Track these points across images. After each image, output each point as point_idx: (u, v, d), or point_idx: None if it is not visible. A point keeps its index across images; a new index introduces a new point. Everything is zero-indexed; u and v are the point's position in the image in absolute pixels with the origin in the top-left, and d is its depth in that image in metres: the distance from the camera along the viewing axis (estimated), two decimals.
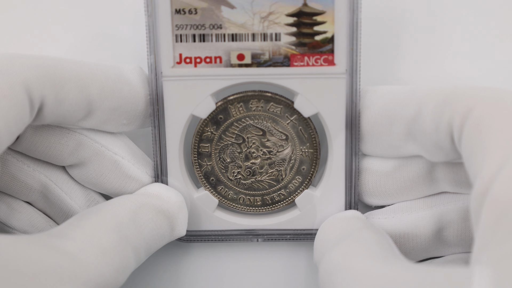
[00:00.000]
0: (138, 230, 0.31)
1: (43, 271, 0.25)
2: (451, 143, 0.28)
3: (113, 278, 0.29)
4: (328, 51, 0.33)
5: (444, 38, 0.36)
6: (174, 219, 0.33)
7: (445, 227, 0.34)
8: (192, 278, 0.38)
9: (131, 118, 0.34)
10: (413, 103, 0.31)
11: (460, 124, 0.27)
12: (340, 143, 0.34)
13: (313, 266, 0.38)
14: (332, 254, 0.30)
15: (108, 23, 0.37)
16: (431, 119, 0.29)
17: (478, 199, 0.25)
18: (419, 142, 0.31)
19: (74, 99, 0.31)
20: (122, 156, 0.34)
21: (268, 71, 0.33)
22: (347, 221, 0.34)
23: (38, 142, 0.33)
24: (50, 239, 0.28)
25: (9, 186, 0.34)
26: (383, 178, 0.34)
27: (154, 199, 0.33)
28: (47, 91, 0.30)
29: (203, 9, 0.32)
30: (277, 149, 0.35)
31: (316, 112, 0.34)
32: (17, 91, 0.28)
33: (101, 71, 0.32)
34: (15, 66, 0.29)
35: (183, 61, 0.33)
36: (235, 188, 0.36)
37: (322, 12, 0.32)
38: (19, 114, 0.28)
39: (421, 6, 0.36)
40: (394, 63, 0.37)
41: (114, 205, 0.32)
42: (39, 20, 0.38)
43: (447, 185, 0.33)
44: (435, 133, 0.29)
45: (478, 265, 0.23)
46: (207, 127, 0.35)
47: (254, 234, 0.36)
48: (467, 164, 0.27)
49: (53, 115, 0.31)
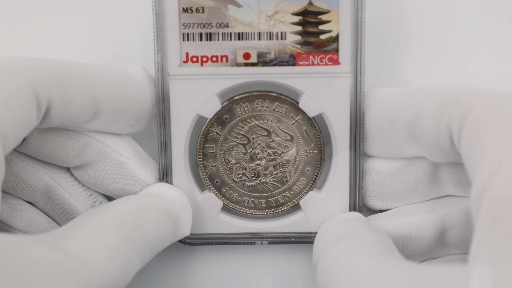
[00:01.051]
0: (142, 230, 0.31)
1: (47, 270, 0.25)
2: (451, 145, 0.29)
3: (117, 278, 0.28)
4: (333, 50, 0.33)
5: (449, 39, 0.37)
6: (178, 219, 0.33)
7: (447, 229, 0.34)
8: (196, 281, 0.38)
9: (137, 118, 0.34)
10: (413, 105, 0.31)
11: (458, 126, 0.28)
12: (345, 144, 0.34)
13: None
14: (332, 251, 0.30)
15: (112, 25, 0.38)
16: (430, 121, 0.30)
17: (477, 197, 0.25)
18: (420, 143, 0.31)
19: (81, 100, 0.31)
20: (128, 157, 0.34)
21: (273, 70, 0.34)
22: (348, 222, 0.34)
23: (44, 144, 0.33)
24: (54, 239, 0.28)
25: (12, 186, 0.34)
26: (388, 179, 0.34)
27: (158, 199, 0.33)
28: (53, 93, 0.30)
29: (210, 7, 0.33)
30: (282, 150, 0.35)
31: (321, 112, 0.34)
32: (24, 92, 0.28)
33: (106, 72, 0.32)
34: (21, 68, 0.29)
35: (190, 60, 0.34)
36: (239, 190, 0.36)
37: (327, 11, 0.33)
38: (26, 115, 0.28)
39: (425, 7, 0.37)
40: (397, 64, 0.37)
41: (118, 205, 0.32)
42: (42, 23, 0.38)
43: (451, 188, 0.34)
44: (435, 135, 0.29)
45: (477, 263, 0.23)
46: (213, 127, 0.35)
47: (258, 237, 0.36)
48: (466, 165, 0.27)
49: (60, 117, 0.31)
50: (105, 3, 0.37)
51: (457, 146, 0.28)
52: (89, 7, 0.38)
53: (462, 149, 0.28)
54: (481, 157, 0.26)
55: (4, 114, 0.27)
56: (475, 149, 0.26)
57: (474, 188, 0.26)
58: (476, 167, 0.26)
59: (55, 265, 0.25)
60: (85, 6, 0.38)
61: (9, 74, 0.28)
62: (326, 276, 0.29)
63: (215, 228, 0.36)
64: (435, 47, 0.37)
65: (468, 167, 0.27)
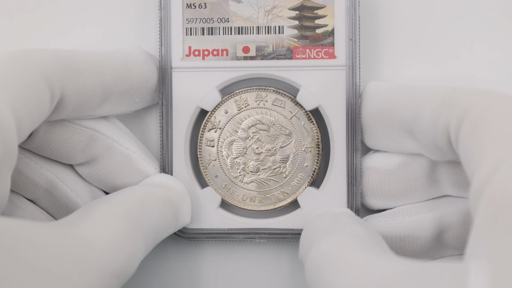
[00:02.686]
0: (147, 219, 0.32)
1: (60, 255, 0.25)
2: (448, 144, 0.29)
3: (126, 264, 0.29)
4: (329, 44, 0.35)
5: (446, 34, 0.38)
6: (179, 208, 0.34)
7: (445, 230, 0.34)
8: (194, 276, 0.38)
9: (142, 95, 0.35)
10: (412, 104, 0.32)
11: (456, 126, 0.28)
12: (342, 138, 0.35)
13: None
14: (320, 246, 0.29)
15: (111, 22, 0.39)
16: (428, 121, 0.30)
17: (475, 196, 0.25)
18: (419, 141, 0.32)
19: (91, 87, 0.32)
20: (133, 151, 0.35)
21: (271, 64, 0.35)
22: (335, 216, 0.34)
23: (51, 139, 0.34)
24: (65, 227, 0.28)
25: (15, 183, 0.34)
26: (387, 177, 0.34)
27: (159, 188, 0.34)
28: (66, 82, 0.31)
29: (212, 3, 0.35)
30: (281, 145, 0.36)
31: (318, 105, 0.35)
32: (39, 81, 0.29)
33: (110, 57, 0.34)
34: (34, 58, 0.30)
35: (192, 53, 0.35)
36: (238, 185, 0.36)
37: (323, 6, 0.34)
38: (40, 104, 0.29)
39: (422, 2, 0.38)
40: (395, 59, 0.38)
41: (122, 195, 0.32)
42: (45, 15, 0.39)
43: (449, 187, 0.34)
44: (433, 134, 0.30)
45: (474, 259, 0.23)
46: (213, 121, 0.36)
47: (256, 233, 0.36)
48: (465, 165, 0.28)
49: (72, 105, 0.32)
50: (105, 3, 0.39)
51: (454, 146, 0.29)
52: (89, 4, 0.39)
53: (460, 149, 0.28)
54: (480, 156, 0.26)
55: (20, 102, 0.28)
56: (473, 149, 0.27)
57: (472, 187, 0.26)
58: (475, 167, 0.26)
59: (67, 250, 0.26)
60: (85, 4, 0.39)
61: (24, 64, 0.29)
62: (316, 271, 0.28)
63: (214, 223, 0.36)
64: (431, 42, 0.37)
65: (466, 167, 0.28)
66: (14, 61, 0.29)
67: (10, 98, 0.27)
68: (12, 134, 0.26)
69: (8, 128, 0.26)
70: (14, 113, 0.27)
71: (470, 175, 0.27)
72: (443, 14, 0.37)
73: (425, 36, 0.37)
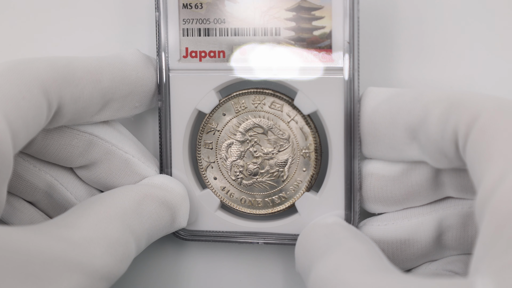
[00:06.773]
0: (141, 221, 0.32)
1: (51, 260, 0.26)
2: (456, 151, 0.28)
3: (117, 268, 0.29)
4: (327, 47, 0.33)
5: (445, 37, 0.36)
6: (176, 211, 0.34)
7: (445, 231, 0.33)
8: (190, 277, 0.38)
9: (141, 100, 0.35)
10: (418, 109, 0.30)
11: (465, 132, 0.27)
12: (340, 143, 0.34)
13: None
14: (321, 268, 0.28)
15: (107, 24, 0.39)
16: (436, 126, 0.29)
17: (480, 207, 0.25)
18: (424, 148, 0.30)
19: (89, 96, 0.32)
20: (133, 154, 0.35)
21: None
22: (329, 228, 0.33)
23: (49, 145, 0.34)
24: (57, 228, 0.29)
25: (14, 185, 0.35)
26: (390, 183, 0.33)
27: (158, 190, 0.34)
28: (63, 92, 0.31)
29: (208, 3, 0.34)
30: (278, 148, 0.35)
31: (316, 110, 0.34)
32: (36, 93, 0.29)
33: (107, 63, 0.33)
34: (32, 69, 0.30)
35: (189, 55, 0.35)
36: (236, 188, 0.36)
37: (320, 7, 0.33)
38: (37, 115, 0.29)
39: (421, 4, 0.36)
40: (394, 63, 0.36)
41: (118, 195, 0.33)
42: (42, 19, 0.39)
43: (452, 190, 0.33)
44: (440, 140, 0.29)
45: (479, 275, 0.23)
46: (211, 123, 0.36)
47: (254, 236, 0.36)
48: (471, 172, 0.27)
49: (69, 114, 0.32)
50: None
51: (462, 152, 0.28)
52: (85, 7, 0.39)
53: (467, 156, 0.27)
54: (486, 165, 0.25)
55: (16, 114, 0.28)
56: (481, 156, 0.26)
57: (478, 197, 0.25)
58: (481, 175, 0.25)
59: (58, 255, 0.26)
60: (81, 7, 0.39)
61: (20, 75, 0.29)
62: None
63: (212, 225, 0.36)
64: (430, 44, 0.36)
65: (472, 175, 0.27)
66: (11, 72, 0.29)
67: (6, 110, 0.27)
68: (7, 147, 0.27)
69: (3, 141, 0.26)
70: (10, 126, 0.27)
71: (476, 184, 0.26)
72: (443, 17, 0.36)
73: (425, 39, 0.36)
